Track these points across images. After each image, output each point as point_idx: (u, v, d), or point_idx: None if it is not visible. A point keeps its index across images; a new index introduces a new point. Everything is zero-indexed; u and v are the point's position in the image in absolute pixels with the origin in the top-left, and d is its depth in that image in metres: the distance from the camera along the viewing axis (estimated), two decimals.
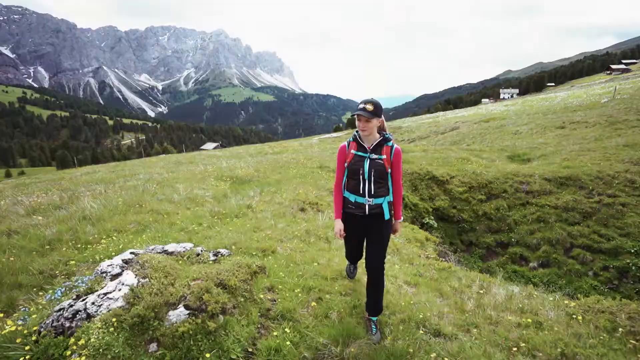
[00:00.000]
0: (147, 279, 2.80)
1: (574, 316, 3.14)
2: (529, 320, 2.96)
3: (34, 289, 3.30)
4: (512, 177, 11.33)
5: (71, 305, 2.63)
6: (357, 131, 3.01)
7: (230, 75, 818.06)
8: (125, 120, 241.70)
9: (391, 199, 3.06)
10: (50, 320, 2.57)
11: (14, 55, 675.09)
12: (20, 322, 2.57)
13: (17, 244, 4.17)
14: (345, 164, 3.03)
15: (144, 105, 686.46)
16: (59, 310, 2.63)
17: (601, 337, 2.81)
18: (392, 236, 3.23)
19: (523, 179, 11.17)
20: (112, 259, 3.18)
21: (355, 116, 2.88)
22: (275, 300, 3.12)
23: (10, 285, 3.33)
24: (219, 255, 3.49)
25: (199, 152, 33.65)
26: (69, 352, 2.29)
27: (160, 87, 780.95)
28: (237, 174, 9.32)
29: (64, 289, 2.91)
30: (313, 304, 3.15)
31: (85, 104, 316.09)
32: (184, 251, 3.44)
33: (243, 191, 7.59)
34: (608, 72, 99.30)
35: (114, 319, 2.40)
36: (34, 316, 2.61)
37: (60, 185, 10.10)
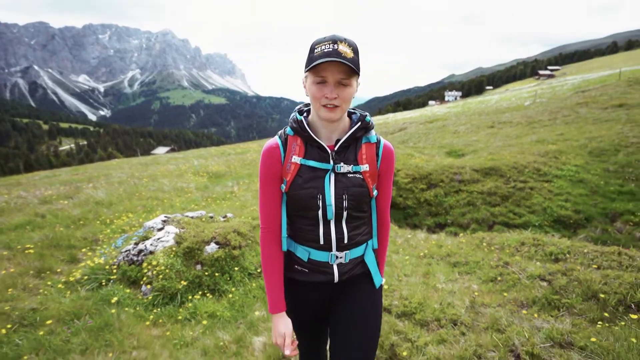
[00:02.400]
0: (184, 229, 4.08)
1: (462, 241, 4.86)
2: (434, 243, 4.69)
3: (86, 247, 4.41)
4: (447, 169, 13.36)
5: (135, 247, 3.85)
6: (299, 112, 1.43)
7: (179, 77, 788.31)
8: (63, 125, 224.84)
9: (376, 245, 1.59)
10: (122, 256, 3.78)
11: None
12: (102, 258, 3.74)
13: (54, 222, 5.15)
14: (283, 188, 1.40)
15: (84, 108, 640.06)
16: (126, 251, 3.84)
17: (472, 247, 4.58)
18: None
19: (457, 170, 13.25)
20: (150, 220, 4.38)
21: (311, 74, 1.24)
22: None
23: (67, 246, 4.41)
24: (227, 217, 4.81)
25: (153, 156, 33.22)
26: (145, 270, 3.53)
27: (102, 89, 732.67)
28: (211, 170, 10.46)
29: (122, 240, 4.09)
30: None
31: (14, 107, 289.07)
32: (200, 215, 4.72)
33: (221, 183, 8.81)
34: (537, 77, 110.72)
35: (174, 248, 3.68)
36: (114, 253, 3.80)
37: (36, 187, 10.52)
